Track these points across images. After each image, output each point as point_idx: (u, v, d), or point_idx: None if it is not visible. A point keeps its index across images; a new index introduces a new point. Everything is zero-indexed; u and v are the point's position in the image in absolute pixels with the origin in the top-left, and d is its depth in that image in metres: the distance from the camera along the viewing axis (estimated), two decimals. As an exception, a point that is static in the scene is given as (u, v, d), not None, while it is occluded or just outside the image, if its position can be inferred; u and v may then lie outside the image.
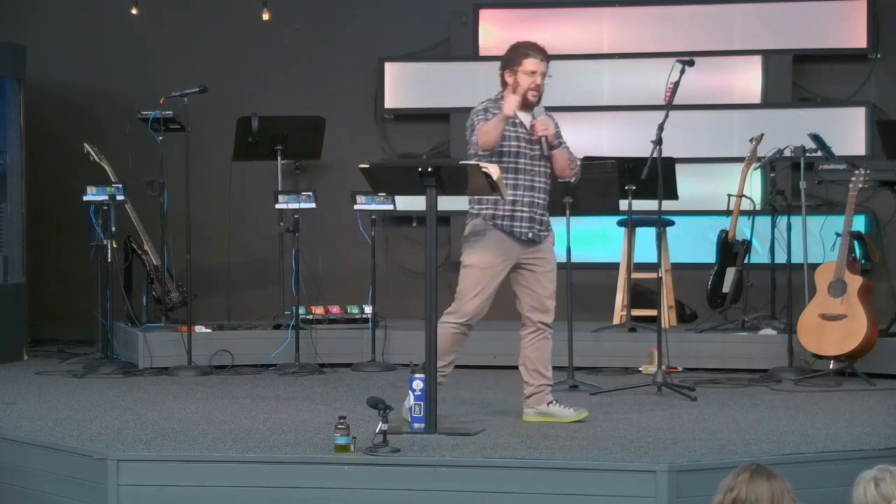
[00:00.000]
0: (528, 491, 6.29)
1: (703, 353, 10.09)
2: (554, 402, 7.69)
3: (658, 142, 8.70)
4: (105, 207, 10.21)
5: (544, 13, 12.02)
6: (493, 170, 7.18)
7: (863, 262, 10.12)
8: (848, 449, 6.78)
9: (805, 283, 9.77)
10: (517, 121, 7.58)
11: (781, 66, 11.60)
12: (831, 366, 9.34)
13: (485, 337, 10.51)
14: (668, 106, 8.88)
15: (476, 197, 7.57)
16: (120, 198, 10.24)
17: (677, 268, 10.95)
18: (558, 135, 7.70)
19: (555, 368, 9.51)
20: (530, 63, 7.64)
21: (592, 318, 10.66)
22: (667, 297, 10.38)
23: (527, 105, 7.62)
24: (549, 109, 11.71)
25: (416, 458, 6.49)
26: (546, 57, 7.70)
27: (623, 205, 9.91)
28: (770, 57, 11.61)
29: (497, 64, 11.84)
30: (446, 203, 7.72)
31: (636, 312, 10.72)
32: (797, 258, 9.91)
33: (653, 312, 10.39)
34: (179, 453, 6.71)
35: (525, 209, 7.57)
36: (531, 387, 7.72)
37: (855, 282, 9.25)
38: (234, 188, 11.40)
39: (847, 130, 11.35)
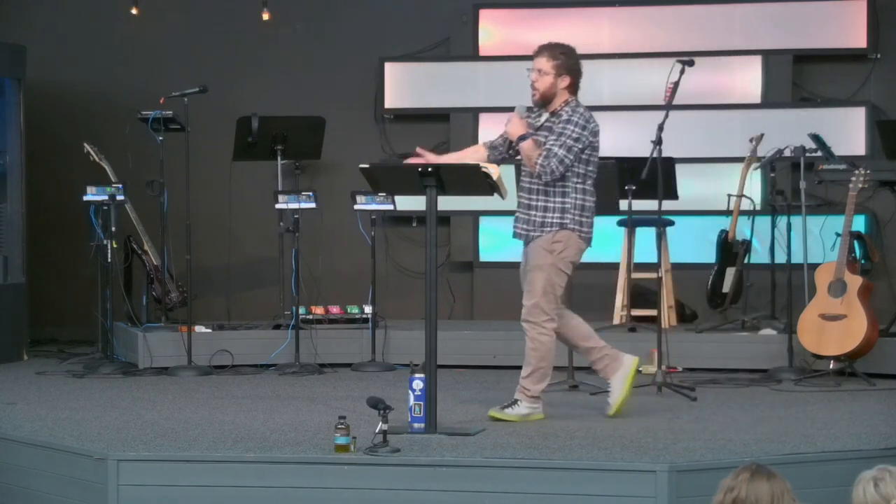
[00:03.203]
0: (528, 491, 6.29)
1: (703, 353, 10.09)
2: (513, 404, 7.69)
3: (658, 142, 8.70)
4: (105, 207, 10.21)
5: (544, 13, 12.01)
6: (493, 170, 7.18)
7: (863, 262, 10.12)
8: (848, 449, 6.78)
9: (805, 283, 9.77)
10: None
11: (781, 66, 11.59)
12: (831, 366, 9.34)
13: (485, 337, 10.55)
14: (668, 106, 8.89)
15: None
16: (120, 198, 10.24)
17: (677, 268, 10.95)
18: (535, 127, 7.65)
19: (555, 368, 9.55)
20: None
21: (592, 318, 10.60)
22: (667, 297, 10.38)
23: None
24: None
25: (416, 458, 6.50)
26: (536, 52, 7.73)
27: (623, 205, 9.91)
28: (770, 57, 11.60)
29: (496, 64, 12.02)
30: (446, 203, 7.73)
31: (636, 312, 10.72)
32: (797, 258, 9.91)
33: (653, 312, 10.37)
34: (179, 453, 6.72)
35: (518, 208, 7.72)
36: None
37: (855, 282, 9.25)
38: (234, 188, 11.41)
39: (847, 130, 11.34)
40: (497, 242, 11.89)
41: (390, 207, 10.45)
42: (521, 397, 7.69)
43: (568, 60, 7.63)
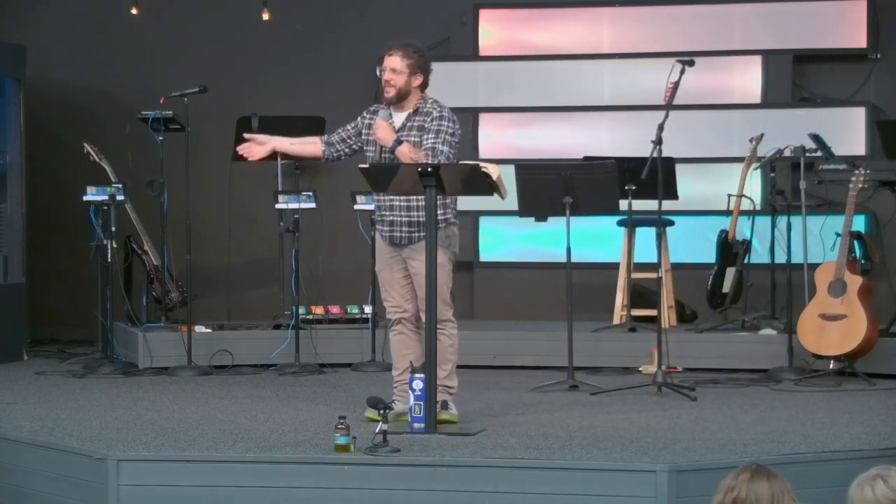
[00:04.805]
0: (528, 491, 6.29)
1: (703, 353, 10.08)
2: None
3: (658, 142, 8.71)
4: (105, 207, 10.21)
5: (544, 13, 12.01)
6: (493, 170, 7.18)
7: (863, 262, 10.12)
8: (848, 449, 6.78)
9: (805, 283, 9.76)
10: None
11: (781, 66, 11.60)
12: (831, 366, 9.34)
13: (485, 337, 10.54)
14: (668, 106, 8.89)
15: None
16: (120, 198, 10.24)
17: (677, 268, 10.95)
18: (395, 130, 7.57)
19: (555, 368, 9.58)
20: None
21: (592, 318, 10.65)
22: (667, 297, 10.37)
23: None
24: (550, 109, 11.88)
25: (416, 458, 6.49)
26: (389, 51, 7.62)
27: (623, 205, 9.91)
28: (770, 57, 11.61)
29: (496, 64, 12.03)
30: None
31: (636, 312, 10.72)
32: (797, 258, 9.91)
33: (653, 312, 10.38)
34: (179, 453, 6.72)
35: (386, 213, 7.61)
36: None
37: (855, 282, 9.25)
38: (234, 188, 11.40)
39: (847, 130, 11.34)
40: (497, 242, 11.89)
41: (390, 207, 10.43)
42: (449, 398, 7.54)
43: (420, 59, 7.61)
